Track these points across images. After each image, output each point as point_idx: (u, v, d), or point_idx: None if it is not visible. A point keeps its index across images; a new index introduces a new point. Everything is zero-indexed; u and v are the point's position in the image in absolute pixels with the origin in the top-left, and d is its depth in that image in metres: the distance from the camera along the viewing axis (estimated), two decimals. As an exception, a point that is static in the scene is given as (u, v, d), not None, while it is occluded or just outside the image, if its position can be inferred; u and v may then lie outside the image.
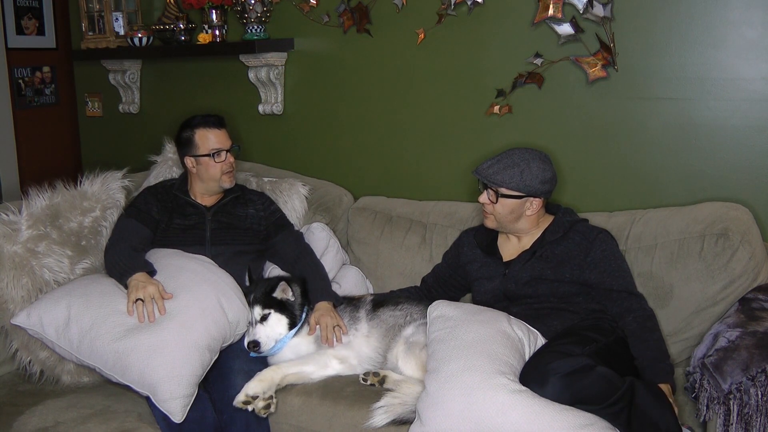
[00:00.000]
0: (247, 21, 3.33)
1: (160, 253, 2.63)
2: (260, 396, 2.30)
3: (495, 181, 2.45)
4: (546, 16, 2.81)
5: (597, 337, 2.28)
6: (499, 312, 2.38)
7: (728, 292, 2.44)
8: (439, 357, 2.18)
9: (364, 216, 3.12)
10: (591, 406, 2.03)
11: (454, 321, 2.28)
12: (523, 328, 2.31)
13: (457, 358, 2.13)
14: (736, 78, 2.63)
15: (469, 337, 2.19)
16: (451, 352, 2.16)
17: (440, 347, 2.21)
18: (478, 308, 2.39)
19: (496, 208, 2.49)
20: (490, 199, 2.48)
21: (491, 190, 2.47)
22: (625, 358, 2.31)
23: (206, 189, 2.80)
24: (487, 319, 2.28)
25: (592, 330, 2.32)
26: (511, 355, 2.16)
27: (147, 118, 3.93)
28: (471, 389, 2.05)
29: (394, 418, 2.22)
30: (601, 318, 2.40)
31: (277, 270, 2.84)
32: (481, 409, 2.02)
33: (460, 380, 2.08)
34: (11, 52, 4.57)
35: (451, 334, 2.22)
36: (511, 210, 2.49)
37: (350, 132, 3.37)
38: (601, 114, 2.84)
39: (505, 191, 2.46)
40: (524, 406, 2.00)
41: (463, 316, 2.29)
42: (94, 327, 2.33)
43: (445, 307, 2.36)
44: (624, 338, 2.36)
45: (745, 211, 2.58)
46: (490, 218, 2.54)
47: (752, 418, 1.99)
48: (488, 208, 2.51)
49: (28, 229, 2.56)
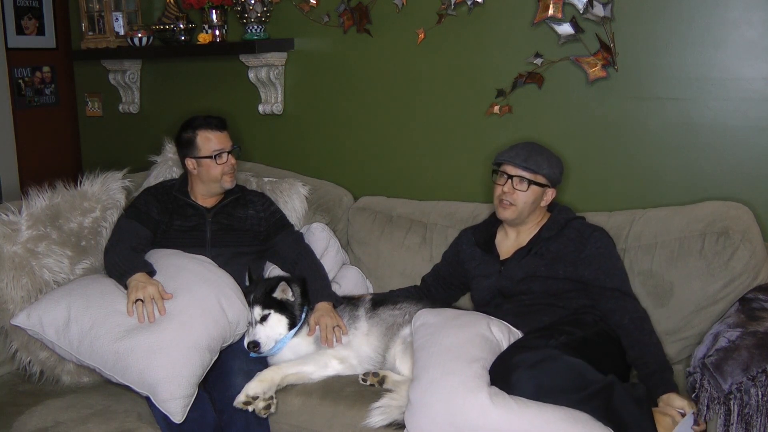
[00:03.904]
0: (247, 21, 3.33)
1: (160, 254, 2.63)
2: (260, 396, 2.30)
3: (532, 167, 2.45)
4: (546, 16, 2.81)
5: (572, 330, 2.29)
6: (479, 314, 2.39)
7: (728, 290, 2.44)
8: (420, 365, 2.19)
9: (364, 216, 3.11)
10: (562, 396, 2.03)
11: (433, 327, 2.29)
12: (503, 329, 2.32)
13: (436, 364, 2.14)
14: (736, 78, 2.63)
15: (447, 342, 2.20)
16: (430, 359, 2.17)
17: (421, 355, 2.22)
18: (458, 313, 2.40)
19: (523, 196, 2.47)
20: (517, 187, 2.46)
21: (524, 177, 2.45)
22: (605, 351, 2.30)
23: (207, 190, 2.79)
24: (464, 323, 2.29)
25: (570, 324, 2.33)
26: (488, 357, 2.17)
27: (147, 118, 3.93)
28: (451, 394, 2.05)
29: (391, 422, 2.22)
30: (585, 312, 2.40)
31: (277, 270, 2.84)
32: (463, 413, 2.02)
33: (440, 386, 2.08)
34: (11, 52, 4.57)
35: (431, 341, 2.23)
36: (534, 199, 2.49)
37: (350, 132, 3.37)
38: (601, 114, 2.84)
39: (539, 178, 2.46)
40: (504, 406, 2.01)
41: (442, 322, 2.30)
42: (94, 327, 2.33)
43: (427, 315, 2.37)
44: (607, 332, 2.36)
45: (746, 210, 2.58)
46: (512, 209, 2.50)
47: (753, 418, 1.99)
48: (512, 198, 2.48)
49: (28, 229, 2.56)
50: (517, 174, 2.47)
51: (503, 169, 2.50)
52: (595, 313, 2.40)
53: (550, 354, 2.10)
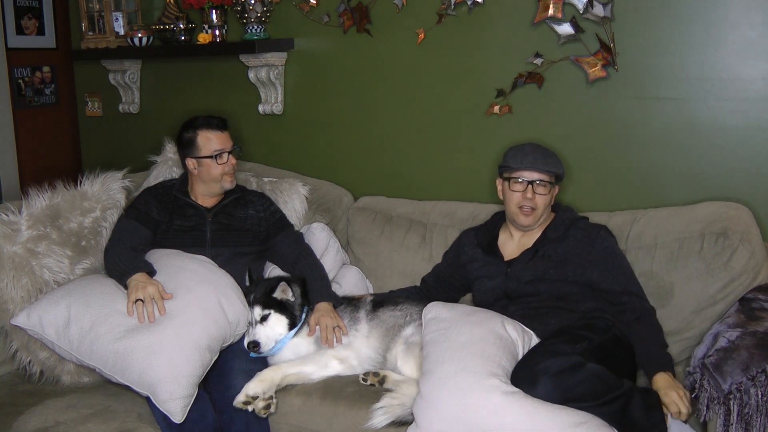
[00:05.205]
0: (247, 21, 3.33)
1: (160, 254, 2.63)
2: (260, 396, 2.30)
3: (552, 170, 2.46)
4: (546, 16, 2.81)
5: (590, 335, 2.28)
6: (493, 313, 2.38)
7: (728, 291, 2.44)
8: (432, 359, 2.18)
9: (364, 216, 3.11)
10: (583, 403, 2.03)
11: (447, 322, 2.28)
12: (517, 328, 2.31)
13: (450, 360, 2.13)
14: (736, 78, 2.63)
15: (462, 339, 2.19)
16: (444, 354, 2.16)
17: (434, 349, 2.21)
18: (471, 309, 2.39)
19: (543, 200, 2.47)
20: (539, 192, 2.45)
21: (545, 180, 2.45)
22: (621, 357, 2.31)
23: (207, 190, 2.79)
24: (480, 320, 2.28)
25: (586, 329, 2.32)
26: (503, 356, 2.16)
27: (147, 118, 3.93)
28: (464, 391, 2.05)
29: (394, 420, 2.21)
30: (598, 317, 2.40)
31: (277, 270, 2.84)
32: (475, 411, 2.02)
33: (454, 382, 2.08)
34: (11, 52, 4.56)
35: (445, 336, 2.22)
36: (551, 199, 2.51)
37: (350, 132, 3.37)
38: (601, 114, 2.84)
39: (554, 178, 2.48)
40: (517, 407, 2.00)
41: (457, 318, 2.29)
42: (94, 327, 2.33)
43: (439, 308, 2.36)
44: (620, 337, 2.36)
45: (745, 211, 2.58)
46: (534, 214, 2.49)
47: (752, 418, 1.99)
48: (534, 203, 2.47)
49: (28, 229, 2.56)
50: (540, 179, 2.46)
51: (522, 176, 2.47)
52: (606, 318, 2.39)
53: (577, 361, 2.09)
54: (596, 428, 1.99)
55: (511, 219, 2.56)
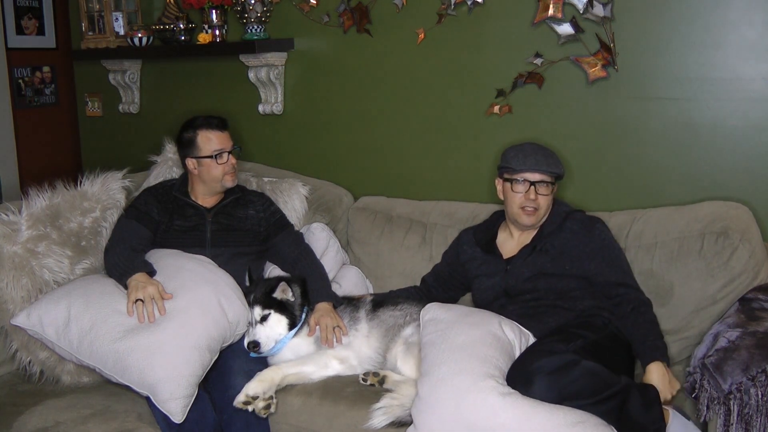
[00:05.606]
0: (247, 21, 3.33)
1: (160, 253, 2.63)
2: (260, 396, 2.30)
3: (554, 170, 2.47)
4: (546, 16, 2.81)
5: (585, 333, 2.29)
6: (491, 313, 2.38)
7: (728, 290, 2.44)
8: (430, 360, 2.18)
9: (364, 216, 3.11)
10: (580, 401, 2.03)
11: (445, 324, 2.28)
12: (515, 329, 2.31)
13: (448, 361, 2.14)
14: (736, 78, 2.63)
15: (459, 340, 2.19)
16: (441, 356, 2.17)
17: (431, 350, 2.21)
18: (469, 310, 2.40)
19: (545, 199, 2.48)
20: (541, 192, 2.46)
21: (547, 181, 2.46)
22: (618, 354, 2.31)
23: (208, 190, 2.79)
24: (477, 321, 2.28)
25: (582, 327, 2.33)
26: (500, 357, 2.16)
27: (147, 118, 3.93)
28: (462, 393, 2.05)
29: (393, 420, 2.22)
30: (594, 314, 2.40)
31: (277, 270, 2.84)
32: (473, 413, 2.02)
33: (451, 383, 2.08)
34: (11, 52, 4.57)
35: (442, 337, 2.23)
36: (552, 198, 2.52)
37: (350, 132, 3.37)
38: (601, 114, 2.84)
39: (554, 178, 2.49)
40: (514, 407, 2.00)
41: (454, 319, 2.30)
42: (94, 327, 2.33)
43: (436, 309, 2.36)
44: (617, 334, 2.36)
45: (745, 210, 2.58)
46: (537, 214, 2.50)
47: (752, 418, 1.99)
48: (536, 203, 2.47)
49: (28, 229, 2.56)
50: (542, 179, 2.46)
51: (524, 177, 2.47)
52: (603, 316, 2.40)
53: (571, 359, 2.09)
54: (594, 427, 1.99)
55: (513, 219, 2.56)
